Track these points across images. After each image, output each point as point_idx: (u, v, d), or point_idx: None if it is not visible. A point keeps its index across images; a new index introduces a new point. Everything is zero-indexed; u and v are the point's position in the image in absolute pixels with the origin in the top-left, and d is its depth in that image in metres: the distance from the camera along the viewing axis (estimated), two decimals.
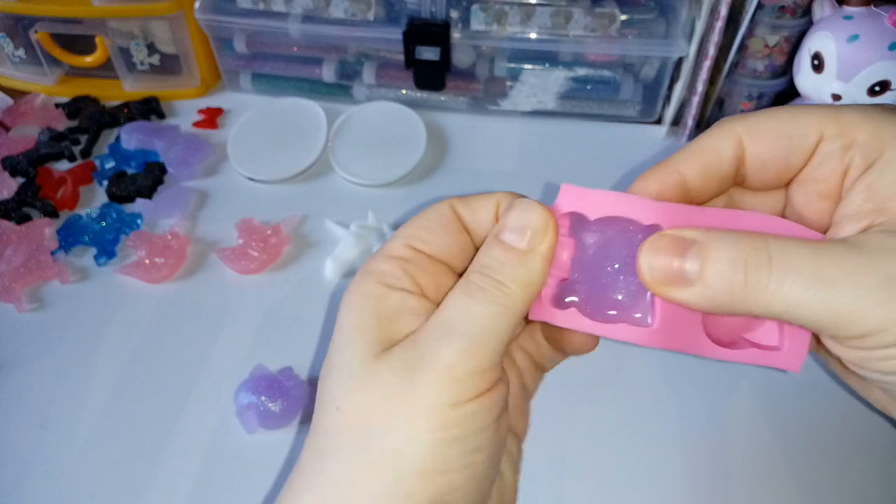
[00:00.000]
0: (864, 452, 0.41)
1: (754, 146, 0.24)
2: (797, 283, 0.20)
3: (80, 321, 0.48)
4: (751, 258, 0.20)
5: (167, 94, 0.65)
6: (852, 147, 0.22)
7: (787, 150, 0.24)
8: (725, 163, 0.24)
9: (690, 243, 0.21)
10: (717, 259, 0.21)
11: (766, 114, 0.24)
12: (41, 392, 0.44)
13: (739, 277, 0.20)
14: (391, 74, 0.62)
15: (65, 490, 0.40)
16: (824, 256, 0.20)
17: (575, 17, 0.56)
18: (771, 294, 0.20)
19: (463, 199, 0.26)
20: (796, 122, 0.23)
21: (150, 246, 0.50)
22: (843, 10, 0.50)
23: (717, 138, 0.24)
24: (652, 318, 0.24)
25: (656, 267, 0.22)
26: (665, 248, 0.22)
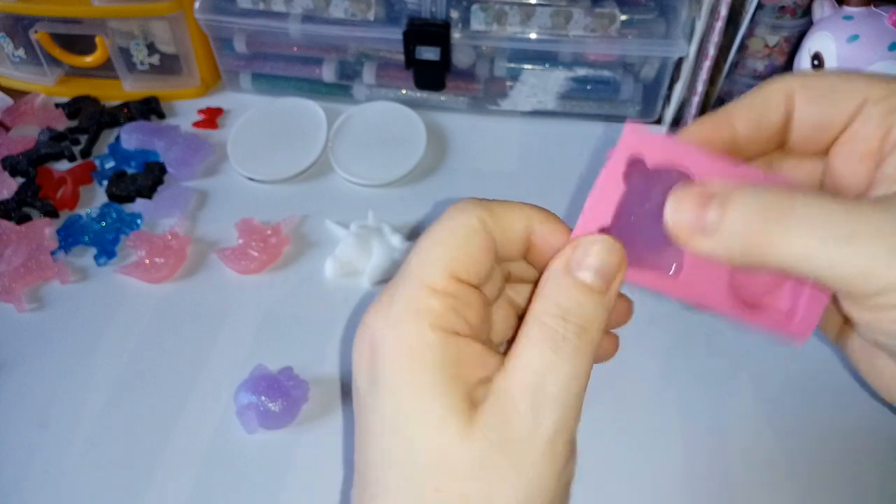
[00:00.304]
0: (864, 452, 0.41)
1: (804, 103, 0.24)
2: (815, 236, 0.20)
3: (80, 321, 0.48)
4: (771, 209, 0.20)
5: (167, 94, 0.65)
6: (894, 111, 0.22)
7: (833, 110, 0.24)
8: (776, 118, 0.24)
9: (713, 195, 0.21)
10: (736, 209, 0.21)
11: (818, 73, 0.24)
12: (41, 392, 0.44)
13: (757, 226, 0.20)
14: (391, 74, 0.62)
15: (65, 490, 0.40)
16: (848, 212, 0.20)
17: (575, 17, 0.56)
18: (787, 244, 0.20)
19: (488, 208, 0.24)
20: (845, 83, 0.24)
21: (150, 246, 0.51)
22: (843, 11, 0.50)
23: (771, 92, 0.24)
24: (678, 269, 0.24)
25: (680, 217, 0.22)
26: (688, 198, 0.22)
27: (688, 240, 0.22)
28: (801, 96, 0.24)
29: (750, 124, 0.25)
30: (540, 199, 0.58)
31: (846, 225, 0.19)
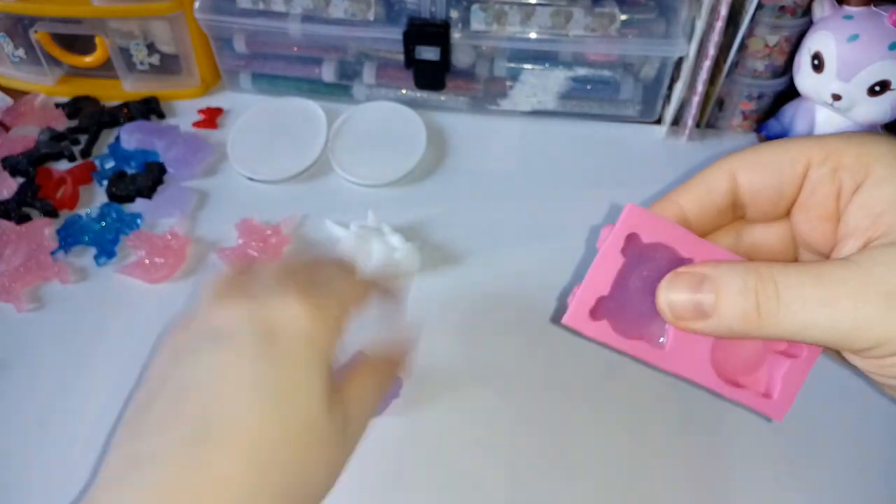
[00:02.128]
0: (864, 452, 0.41)
1: (746, 178, 0.26)
2: (804, 308, 0.21)
3: (80, 321, 0.48)
4: (759, 288, 0.22)
5: (167, 94, 0.65)
6: (839, 170, 0.24)
7: (777, 180, 0.25)
8: (720, 195, 0.26)
9: (703, 278, 0.23)
10: (729, 291, 0.22)
11: (756, 147, 0.26)
12: (41, 392, 0.44)
13: (751, 308, 0.22)
14: (391, 74, 0.62)
15: (65, 490, 0.40)
16: (825, 278, 0.21)
17: (575, 16, 0.56)
18: (781, 319, 0.22)
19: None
20: (784, 151, 0.25)
21: (150, 246, 0.51)
22: (843, 10, 0.50)
23: (712, 173, 0.26)
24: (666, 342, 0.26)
25: (675, 302, 0.24)
26: (681, 284, 0.24)
27: (686, 323, 0.24)
28: (743, 173, 0.26)
29: (696, 204, 0.26)
30: (540, 198, 0.58)
31: (828, 291, 0.21)
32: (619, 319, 0.26)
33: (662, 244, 0.26)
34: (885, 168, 0.23)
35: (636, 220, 0.25)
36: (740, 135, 0.62)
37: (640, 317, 0.26)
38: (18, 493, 0.40)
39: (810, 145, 0.24)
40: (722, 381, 0.26)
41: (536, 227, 0.53)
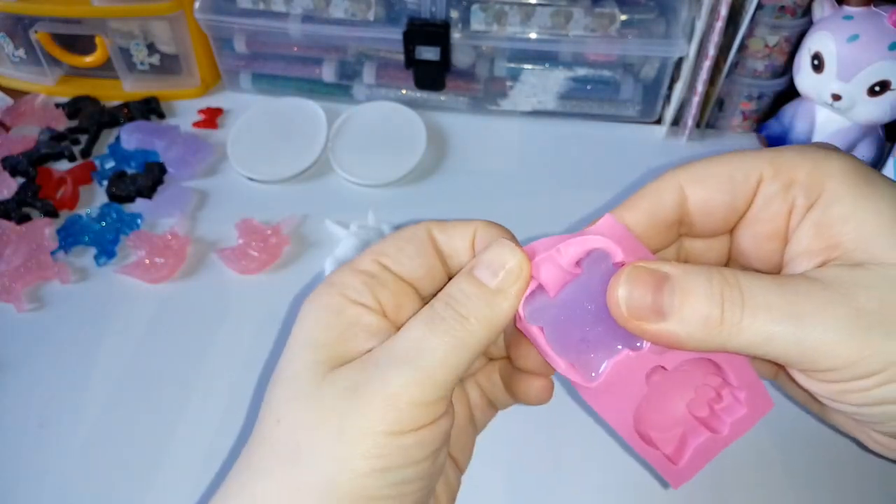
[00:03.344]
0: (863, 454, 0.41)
1: (696, 192, 0.24)
2: (769, 319, 0.20)
3: (80, 321, 0.48)
4: (725, 294, 0.21)
5: (167, 94, 0.65)
6: (793, 186, 0.23)
7: (729, 194, 0.24)
8: (668, 210, 0.25)
9: (666, 277, 0.21)
10: (694, 294, 0.21)
11: (707, 161, 0.25)
12: (41, 392, 0.44)
13: (716, 313, 0.21)
14: (391, 74, 0.62)
15: (65, 490, 0.40)
16: (791, 291, 0.20)
17: (575, 17, 0.56)
18: (745, 329, 0.20)
19: (440, 223, 0.25)
20: (736, 166, 0.24)
21: (150, 246, 0.51)
22: (843, 10, 0.50)
23: (660, 186, 0.25)
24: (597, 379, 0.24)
25: (633, 298, 0.22)
26: (641, 280, 0.22)
27: (638, 324, 0.22)
28: (693, 188, 0.24)
29: (644, 220, 0.25)
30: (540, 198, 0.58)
31: (795, 305, 0.20)
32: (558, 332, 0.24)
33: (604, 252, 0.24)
34: (840, 186, 0.22)
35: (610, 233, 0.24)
36: (740, 135, 0.62)
37: (582, 342, 0.24)
38: (18, 493, 0.40)
39: (763, 159, 0.23)
40: (636, 433, 0.25)
41: (536, 228, 0.53)
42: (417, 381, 0.21)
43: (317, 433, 0.21)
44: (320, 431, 0.21)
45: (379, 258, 0.25)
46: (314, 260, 0.51)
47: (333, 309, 0.23)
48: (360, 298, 0.23)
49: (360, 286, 0.24)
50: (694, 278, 0.21)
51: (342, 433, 0.21)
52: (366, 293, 0.24)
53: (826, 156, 0.23)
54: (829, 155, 0.23)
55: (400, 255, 0.25)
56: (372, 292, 0.24)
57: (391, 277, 0.24)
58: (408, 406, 0.21)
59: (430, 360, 0.21)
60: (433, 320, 0.22)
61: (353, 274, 0.24)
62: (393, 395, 0.21)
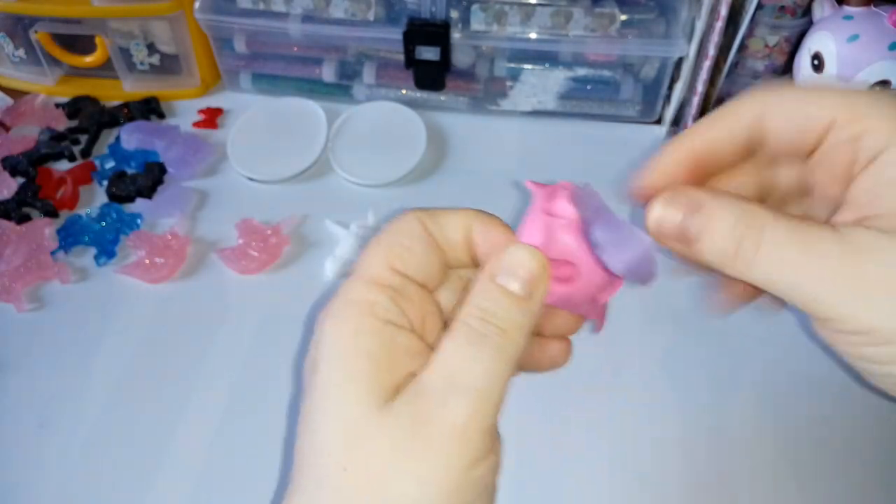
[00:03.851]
0: (865, 450, 0.41)
1: (773, 120, 0.24)
2: (778, 265, 0.21)
3: (80, 321, 0.48)
4: (746, 233, 0.22)
5: (167, 94, 0.65)
6: (861, 137, 0.23)
7: (801, 130, 0.24)
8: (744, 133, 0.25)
9: (699, 205, 0.23)
10: (717, 227, 0.22)
11: (790, 89, 0.25)
12: (41, 392, 0.44)
13: (731, 249, 0.22)
14: (391, 74, 0.62)
15: (65, 490, 0.40)
16: (811, 243, 0.21)
17: (575, 17, 0.56)
18: (755, 268, 0.22)
19: (430, 213, 0.25)
20: (813, 102, 0.24)
21: (150, 246, 0.50)
22: (843, 10, 0.50)
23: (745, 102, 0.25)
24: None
25: (665, 220, 0.23)
26: (678, 204, 0.23)
27: (668, 242, 0.23)
28: (772, 115, 0.24)
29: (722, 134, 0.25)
30: None
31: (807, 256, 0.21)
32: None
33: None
34: None
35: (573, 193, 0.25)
36: None
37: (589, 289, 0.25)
38: (18, 493, 0.40)
39: (840, 103, 0.23)
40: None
41: None
42: (480, 407, 0.21)
43: (393, 478, 0.20)
44: (396, 476, 0.20)
45: (393, 264, 0.24)
46: (314, 260, 0.51)
47: (366, 332, 0.22)
48: (390, 317, 0.23)
49: (388, 303, 0.23)
50: (722, 212, 0.22)
51: (419, 475, 0.20)
52: (394, 310, 0.23)
53: None
54: None
55: (411, 258, 0.24)
56: (400, 308, 0.23)
57: (413, 287, 0.24)
58: (478, 434, 0.21)
59: (486, 382, 0.21)
60: (476, 339, 0.22)
61: (377, 289, 0.23)
62: (462, 426, 0.21)
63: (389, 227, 0.25)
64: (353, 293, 0.23)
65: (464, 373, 0.21)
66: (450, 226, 0.25)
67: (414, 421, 0.21)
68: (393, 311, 0.23)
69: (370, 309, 0.22)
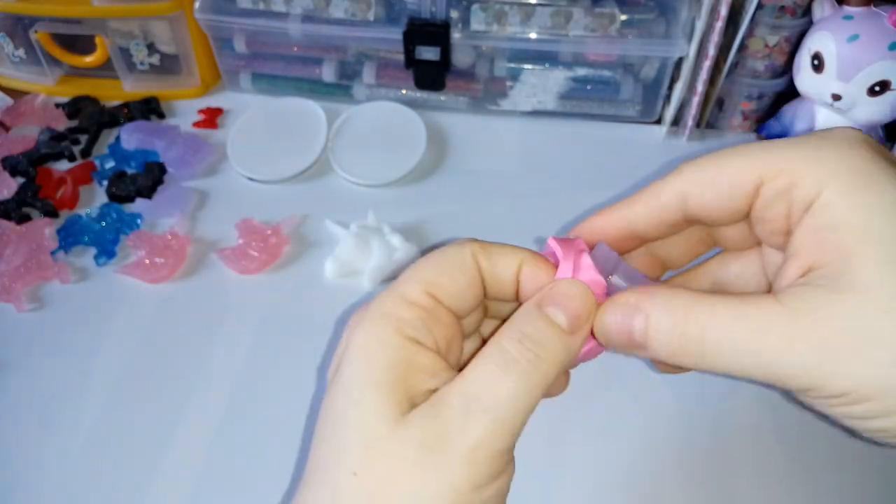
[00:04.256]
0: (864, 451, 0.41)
1: (697, 196, 0.24)
2: (730, 353, 0.21)
3: (80, 321, 0.48)
4: (686, 328, 0.21)
5: (167, 94, 0.65)
6: (791, 190, 0.22)
7: (728, 198, 0.24)
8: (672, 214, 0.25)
9: (636, 309, 0.23)
10: (657, 328, 0.22)
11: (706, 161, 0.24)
12: (41, 392, 0.44)
13: (676, 346, 0.22)
14: (391, 74, 0.62)
15: (65, 490, 0.40)
16: (753, 322, 0.21)
17: (575, 17, 0.56)
18: (708, 360, 0.21)
19: (484, 246, 0.25)
20: (735, 168, 0.23)
21: (150, 246, 0.51)
22: (843, 10, 0.50)
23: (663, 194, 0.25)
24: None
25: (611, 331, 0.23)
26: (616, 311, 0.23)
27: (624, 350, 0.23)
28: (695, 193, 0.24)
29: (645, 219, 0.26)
30: (540, 198, 0.58)
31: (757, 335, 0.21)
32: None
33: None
34: (835, 189, 0.21)
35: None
36: (740, 135, 0.62)
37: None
38: (19, 492, 0.40)
39: (761, 159, 0.23)
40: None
41: (536, 228, 0.53)
42: (496, 431, 0.21)
43: (399, 489, 0.21)
44: (402, 487, 0.21)
45: (430, 289, 0.24)
46: (314, 260, 0.51)
47: (392, 345, 0.22)
48: (417, 336, 0.23)
49: (417, 322, 0.23)
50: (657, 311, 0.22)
51: (425, 489, 0.20)
52: (423, 330, 0.23)
53: (830, 150, 0.22)
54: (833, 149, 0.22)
55: (452, 288, 0.24)
56: (428, 329, 0.23)
57: (444, 312, 0.24)
58: (488, 458, 0.21)
59: (507, 408, 0.21)
60: (508, 363, 0.22)
61: (407, 307, 0.23)
62: (474, 447, 0.21)
63: (442, 252, 0.25)
64: (386, 307, 0.23)
65: (487, 394, 0.21)
66: (502, 263, 0.25)
67: (428, 435, 0.21)
68: (421, 332, 0.23)
69: (398, 325, 0.23)
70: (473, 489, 0.21)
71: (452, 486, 0.20)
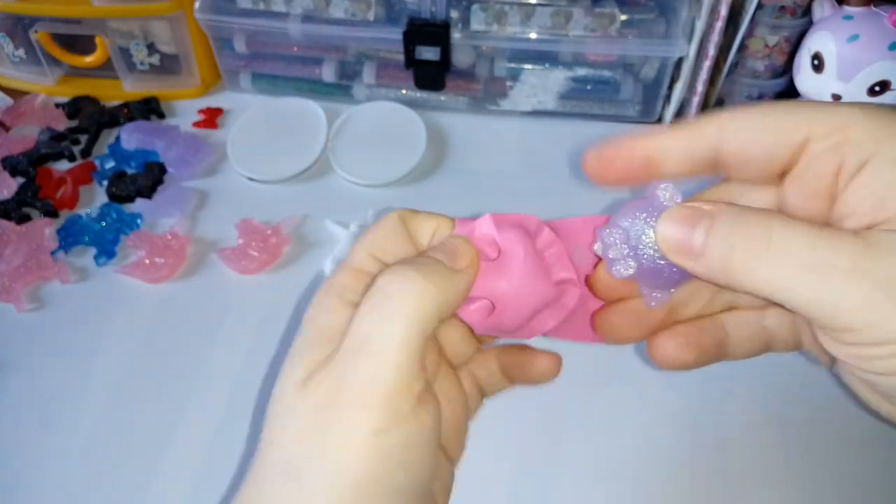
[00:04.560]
0: (863, 451, 0.41)
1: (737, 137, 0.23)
2: (790, 268, 0.20)
3: (80, 321, 0.48)
4: (750, 237, 0.20)
5: (167, 94, 0.65)
6: (845, 145, 0.21)
7: (772, 146, 0.23)
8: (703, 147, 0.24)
9: (702, 215, 0.22)
10: (718, 235, 0.21)
11: (752, 110, 0.24)
12: (41, 392, 0.44)
13: (737, 253, 0.21)
14: (391, 74, 0.62)
15: (65, 490, 0.40)
16: (827, 245, 0.20)
17: (575, 17, 0.56)
18: (762, 274, 0.20)
19: (411, 213, 0.26)
20: (784, 116, 0.23)
21: (150, 246, 0.51)
22: (843, 10, 0.50)
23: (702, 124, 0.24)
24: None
25: (670, 235, 0.23)
26: (679, 218, 0.23)
27: (678, 259, 0.23)
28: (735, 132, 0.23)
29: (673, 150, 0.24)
30: (539, 198, 0.58)
31: (824, 258, 0.19)
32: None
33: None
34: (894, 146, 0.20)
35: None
36: None
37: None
38: (19, 492, 0.40)
39: (814, 117, 0.22)
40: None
41: None
42: (381, 367, 0.21)
43: (303, 450, 0.21)
44: (306, 448, 0.21)
45: (374, 252, 0.25)
46: (314, 260, 0.51)
47: (326, 308, 0.23)
48: (357, 300, 0.23)
49: (360, 287, 0.23)
50: (725, 218, 0.21)
51: (325, 446, 0.20)
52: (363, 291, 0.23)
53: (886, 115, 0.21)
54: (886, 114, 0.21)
55: (391, 247, 0.25)
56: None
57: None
58: (381, 398, 0.21)
59: (388, 343, 0.21)
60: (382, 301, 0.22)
61: (353, 273, 0.24)
62: (362, 388, 0.20)
63: (377, 221, 0.26)
64: (334, 278, 0.24)
65: (369, 333, 0.21)
66: (423, 226, 0.26)
67: (327, 391, 0.21)
68: (361, 294, 0.23)
69: (341, 291, 0.23)
70: (375, 433, 0.20)
71: (353, 432, 0.20)
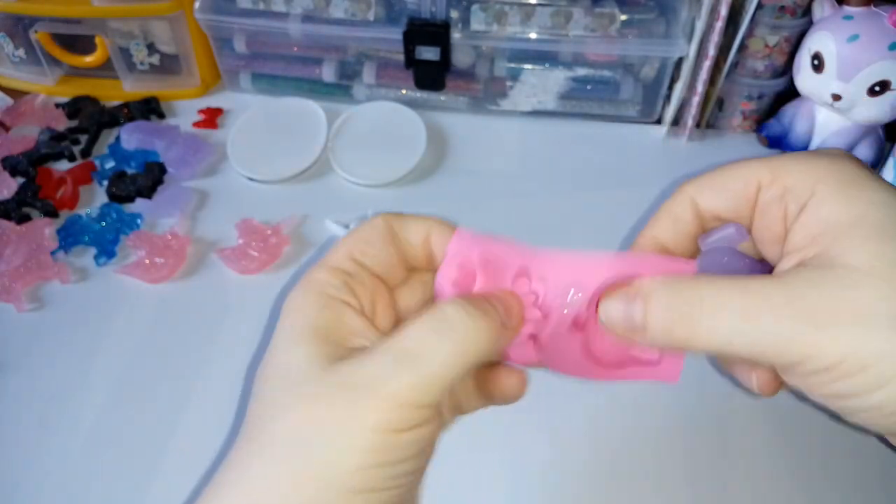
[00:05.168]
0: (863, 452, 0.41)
1: (706, 203, 0.27)
2: (726, 322, 0.22)
3: (80, 321, 0.48)
4: (685, 302, 0.22)
5: (167, 94, 0.65)
6: (786, 192, 0.24)
7: (734, 203, 0.26)
8: (687, 224, 0.27)
9: (636, 294, 0.24)
10: (656, 307, 0.23)
11: (712, 172, 0.27)
12: (41, 392, 0.44)
13: (675, 322, 0.23)
14: (391, 74, 0.62)
15: (65, 490, 0.40)
16: (751, 294, 0.22)
17: (575, 17, 0.56)
18: (705, 333, 0.22)
19: (398, 216, 0.27)
20: (736, 175, 0.26)
21: (150, 246, 0.51)
22: (843, 10, 0.50)
23: (674, 203, 0.27)
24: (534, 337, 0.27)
25: (612, 316, 0.24)
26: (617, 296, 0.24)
27: (623, 336, 0.24)
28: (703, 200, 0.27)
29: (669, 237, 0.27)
30: (540, 198, 0.58)
31: (751, 306, 0.21)
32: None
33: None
34: (827, 188, 0.23)
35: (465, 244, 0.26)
36: (740, 135, 0.62)
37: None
38: (19, 492, 0.40)
39: (759, 167, 0.25)
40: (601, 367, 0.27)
41: (536, 228, 0.53)
42: (416, 384, 0.22)
43: (322, 426, 0.21)
44: (326, 424, 0.21)
45: (353, 255, 0.26)
46: (314, 260, 0.51)
47: (316, 305, 0.24)
48: (339, 295, 0.24)
49: (339, 284, 0.25)
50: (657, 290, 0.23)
51: (341, 429, 0.21)
52: (345, 290, 0.25)
53: (820, 160, 0.24)
54: (823, 159, 0.24)
55: (372, 251, 0.26)
56: (351, 290, 0.25)
57: (368, 276, 0.26)
58: (404, 407, 0.22)
59: (430, 364, 0.22)
60: (442, 328, 0.23)
61: (330, 271, 0.25)
62: (392, 395, 0.21)
63: (362, 224, 0.27)
64: (312, 275, 0.25)
65: (412, 350, 0.22)
66: (412, 230, 0.27)
67: (350, 382, 0.22)
68: (343, 291, 0.25)
69: (321, 287, 0.25)
70: (387, 432, 0.21)
71: (367, 427, 0.21)
